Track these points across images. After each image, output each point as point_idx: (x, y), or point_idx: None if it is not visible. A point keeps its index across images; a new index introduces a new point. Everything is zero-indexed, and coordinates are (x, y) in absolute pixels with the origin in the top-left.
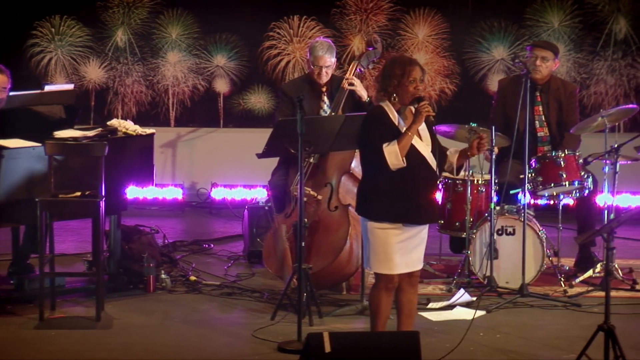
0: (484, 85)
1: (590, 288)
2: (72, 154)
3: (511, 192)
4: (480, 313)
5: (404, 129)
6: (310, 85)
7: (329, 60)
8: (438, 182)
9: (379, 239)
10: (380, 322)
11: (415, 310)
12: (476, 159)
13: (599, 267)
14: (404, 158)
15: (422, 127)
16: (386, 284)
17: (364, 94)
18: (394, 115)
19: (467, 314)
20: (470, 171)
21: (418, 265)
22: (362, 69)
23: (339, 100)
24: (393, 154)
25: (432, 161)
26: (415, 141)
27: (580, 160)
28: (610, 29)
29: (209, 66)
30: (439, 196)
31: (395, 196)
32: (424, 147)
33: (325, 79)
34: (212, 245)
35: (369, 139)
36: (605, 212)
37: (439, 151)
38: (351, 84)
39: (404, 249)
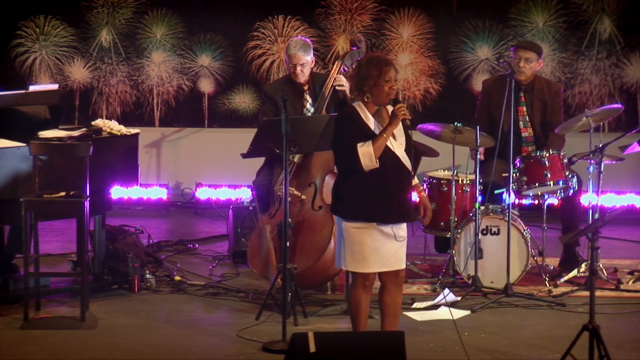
0: (469, 85)
1: (574, 288)
2: (57, 154)
3: (496, 192)
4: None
5: (376, 128)
6: (292, 85)
7: (303, 58)
8: (412, 181)
9: (354, 238)
10: (361, 322)
11: (400, 311)
12: (462, 159)
13: (583, 266)
14: (377, 159)
15: (397, 127)
16: (363, 282)
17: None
18: (366, 116)
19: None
20: (455, 171)
21: (397, 265)
22: (346, 69)
23: (322, 101)
24: (367, 155)
25: (406, 161)
26: (389, 141)
27: (565, 160)
28: (594, 29)
29: (194, 66)
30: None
31: (369, 196)
32: (398, 147)
33: (301, 77)
34: (196, 245)
35: (341, 140)
36: (590, 211)
37: (415, 151)
38: (340, 85)
39: (379, 248)
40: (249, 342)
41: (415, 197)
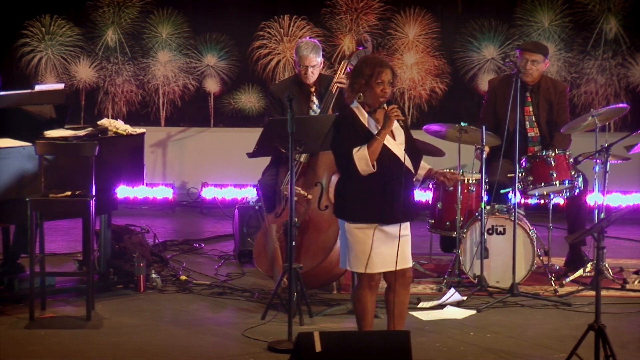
0: (475, 84)
1: (580, 287)
2: (63, 154)
3: (502, 191)
4: (469, 312)
5: (374, 128)
6: (299, 85)
7: (314, 59)
8: (413, 179)
9: (357, 239)
10: (367, 322)
11: (406, 311)
12: (467, 158)
13: (589, 266)
14: (374, 163)
15: (396, 126)
16: (369, 282)
17: None
18: (364, 117)
19: (457, 313)
20: (461, 170)
21: (402, 264)
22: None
23: (329, 101)
24: (363, 160)
25: (407, 160)
26: (388, 141)
27: (571, 160)
28: (600, 29)
29: (200, 66)
30: (429, 196)
31: (371, 196)
32: (397, 147)
33: (311, 78)
34: (202, 245)
35: (339, 143)
36: (596, 211)
37: (415, 149)
38: (341, 83)
39: (383, 248)
40: (255, 342)
41: (420, 195)
